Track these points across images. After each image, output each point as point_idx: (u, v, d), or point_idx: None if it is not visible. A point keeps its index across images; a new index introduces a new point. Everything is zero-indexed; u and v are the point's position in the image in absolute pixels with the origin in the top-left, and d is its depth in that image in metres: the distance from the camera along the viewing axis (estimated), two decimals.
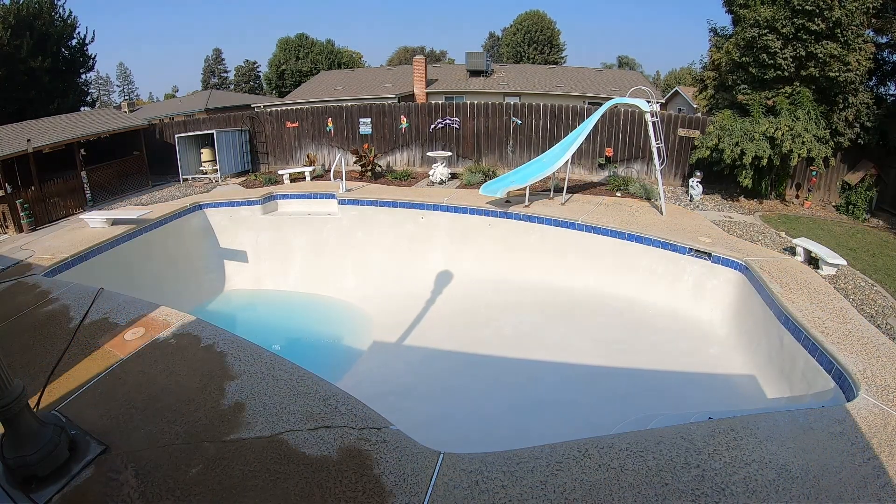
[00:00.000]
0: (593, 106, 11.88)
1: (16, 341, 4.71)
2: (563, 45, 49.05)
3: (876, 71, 10.50)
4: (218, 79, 64.90)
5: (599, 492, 2.83)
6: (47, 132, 11.45)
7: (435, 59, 60.59)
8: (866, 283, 6.37)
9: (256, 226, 10.57)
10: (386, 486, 2.87)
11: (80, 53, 16.89)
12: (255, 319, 9.49)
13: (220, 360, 4.17)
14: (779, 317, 5.62)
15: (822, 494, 2.85)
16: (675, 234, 8.00)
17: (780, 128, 8.93)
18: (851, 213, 9.80)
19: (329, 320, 9.43)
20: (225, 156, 13.34)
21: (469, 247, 9.64)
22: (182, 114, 27.10)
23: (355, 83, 30.12)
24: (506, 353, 7.01)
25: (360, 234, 10.46)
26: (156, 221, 9.26)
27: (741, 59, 9.72)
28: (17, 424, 2.81)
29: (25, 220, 9.52)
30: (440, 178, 11.85)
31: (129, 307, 5.27)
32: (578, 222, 8.69)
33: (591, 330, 7.30)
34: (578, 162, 12.16)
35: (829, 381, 4.48)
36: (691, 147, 10.79)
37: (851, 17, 8.81)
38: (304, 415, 3.49)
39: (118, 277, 7.82)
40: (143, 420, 3.48)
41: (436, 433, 4.80)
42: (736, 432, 3.33)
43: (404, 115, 13.36)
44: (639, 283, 8.06)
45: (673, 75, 54.64)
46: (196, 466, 3.05)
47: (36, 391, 3.82)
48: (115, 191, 12.49)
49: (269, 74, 49.47)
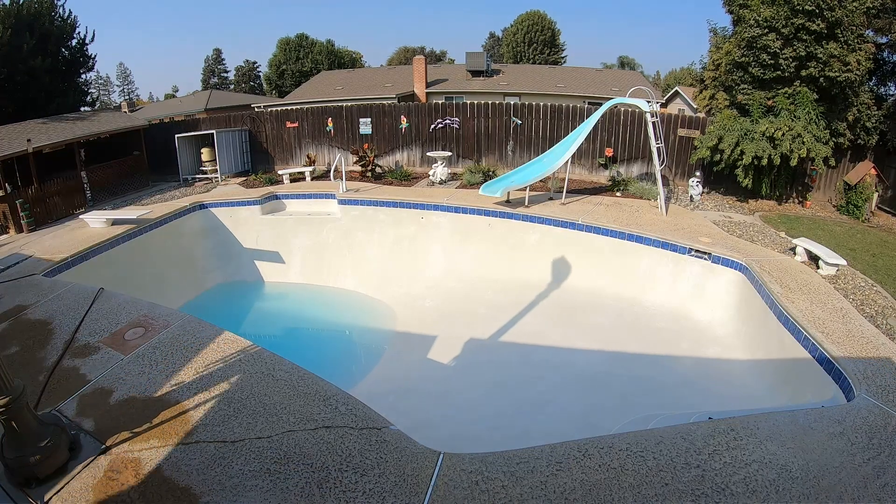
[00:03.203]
0: (593, 106, 11.87)
1: (16, 341, 4.71)
2: (564, 45, 49.06)
3: (876, 71, 10.50)
4: (218, 79, 64.89)
5: (599, 492, 2.83)
6: (47, 132, 11.44)
7: (435, 59, 60.57)
8: (866, 283, 6.36)
9: (256, 226, 10.56)
10: (386, 486, 2.87)
11: (81, 53, 16.87)
12: (256, 318, 9.50)
13: (220, 360, 4.17)
14: (779, 317, 5.62)
15: (822, 494, 2.85)
16: (675, 234, 8.00)
17: (780, 128, 8.93)
18: (851, 213, 9.80)
19: (329, 321, 9.44)
20: (225, 156, 13.33)
21: (469, 247, 9.64)
22: (182, 114, 27.10)
23: (355, 83, 30.13)
24: (506, 353, 7.01)
25: (360, 235, 10.46)
26: (156, 221, 9.26)
27: (741, 59, 9.72)
28: (17, 424, 2.80)
29: (25, 220, 9.52)
30: (440, 178, 11.85)
31: (129, 307, 5.27)
32: (578, 222, 8.69)
33: (591, 330, 7.30)
34: (578, 162, 12.16)
35: (829, 382, 4.48)
36: (691, 147, 10.79)
37: (851, 17, 8.80)
38: (304, 415, 3.49)
39: (118, 277, 7.82)
40: (143, 420, 3.48)
41: (436, 433, 4.81)
42: (736, 432, 3.33)
43: (404, 115, 13.35)
44: (639, 284, 8.07)
45: (673, 75, 54.56)
46: (196, 466, 3.05)
47: (36, 391, 3.83)
48: (115, 191, 12.49)
49: (269, 74, 49.47)
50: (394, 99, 24.02)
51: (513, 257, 9.23)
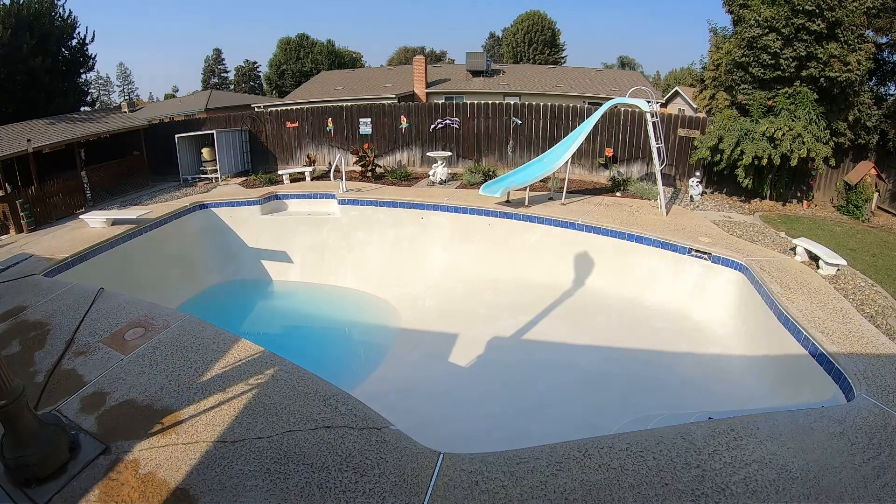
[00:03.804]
0: (593, 106, 11.88)
1: (16, 341, 4.71)
2: (564, 45, 49.08)
3: (876, 71, 10.50)
4: (218, 79, 64.88)
5: (600, 492, 2.83)
6: (47, 132, 11.45)
7: (435, 59, 60.55)
8: (866, 283, 6.36)
9: (256, 226, 10.56)
10: (386, 486, 2.87)
11: (81, 53, 16.87)
12: (255, 318, 9.50)
13: (220, 360, 4.17)
14: (779, 317, 5.61)
15: (822, 495, 2.85)
16: (675, 234, 8.00)
17: (781, 128, 8.93)
18: (851, 213, 9.80)
19: (328, 321, 9.44)
20: (225, 156, 13.34)
21: (469, 247, 9.64)
22: (182, 114, 27.09)
23: (355, 83, 30.13)
24: (506, 353, 7.01)
25: (361, 235, 10.46)
26: (156, 221, 9.26)
27: (741, 59, 9.72)
28: (17, 424, 2.80)
29: (25, 220, 9.53)
30: (440, 179, 11.85)
31: (129, 307, 5.27)
32: (578, 222, 8.69)
33: (591, 330, 7.30)
34: (578, 162, 12.16)
35: (829, 382, 4.47)
36: (691, 147, 10.79)
37: (851, 17, 8.80)
38: (304, 415, 3.49)
39: (118, 277, 7.82)
40: (143, 420, 3.48)
41: (436, 433, 4.80)
42: (736, 432, 3.33)
43: (404, 116, 13.36)
44: (639, 284, 8.07)
45: (673, 75, 54.54)
46: (196, 466, 3.05)
47: (36, 391, 3.83)
48: (115, 191, 12.50)
49: (269, 74, 49.48)
50: (394, 99, 24.02)
51: (513, 257, 9.23)
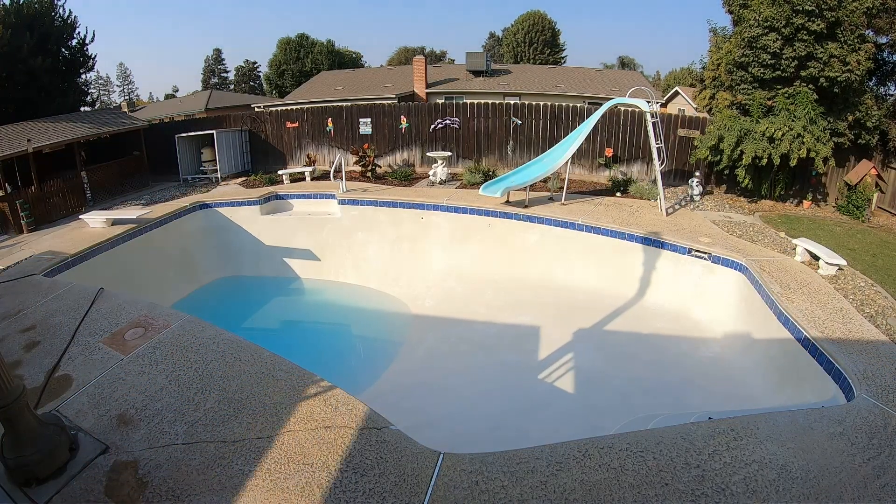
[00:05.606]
0: (593, 106, 11.87)
1: (16, 341, 4.71)
2: (564, 45, 49.07)
3: (876, 71, 10.49)
4: (218, 79, 64.88)
5: (600, 492, 2.83)
6: (47, 132, 11.44)
7: (435, 59, 60.55)
8: (866, 283, 6.36)
9: (256, 226, 10.57)
10: (386, 487, 2.87)
11: (81, 53, 16.85)
12: (255, 317, 9.49)
13: (220, 360, 4.18)
14: (779, 317, 5.61)
15: (822, 495, 2.85)
16: (675, 234, 8.00)
17: (780, 128, 8.93)
18: (852, 213, 9.79)
19: (327, 320, 9.43)
20: (225, 156, 13.33)
21: (469, 247, 9.64)
22: (182, 114, 27.12)
23: (355, 83, 30.12)
24: (505, 352, 7.01)
25: (361, 234, 10.46)
26: (156, 221, 9.26)
27: (741, 58, 9.71)
28: (17, 424, 2.81)
29: (25, 220, 9.52)
30: (440, 179, 11.85)
31: (129, 307, 5.27)
32: (578, 222, 8.69)
33: (590, 330, 7.30)
34: (578, 162, 12.16)
35: (829, 382, 4.47)
36: (691, 147, 10.79)
37: (851, 17, 8.80)
38: (304, 415, 3.49)
39: (118, 277, 7.82)
40: (143, 420, 3.48)
41: (436, 433, 4.81)
42: (736, 432, 3.33)
43: (404, 116, 13.35)
44: (638, 284, 8.07)
45: (673, 75, 54.50)
46: (196, 466, 3.05)
47: (36, 391, 3.83)
48: (116, 191, 12.49)
49: (269, 74, 49.48)
50: (394, 99, 24.02)
51: (513, 257, 9.23)
